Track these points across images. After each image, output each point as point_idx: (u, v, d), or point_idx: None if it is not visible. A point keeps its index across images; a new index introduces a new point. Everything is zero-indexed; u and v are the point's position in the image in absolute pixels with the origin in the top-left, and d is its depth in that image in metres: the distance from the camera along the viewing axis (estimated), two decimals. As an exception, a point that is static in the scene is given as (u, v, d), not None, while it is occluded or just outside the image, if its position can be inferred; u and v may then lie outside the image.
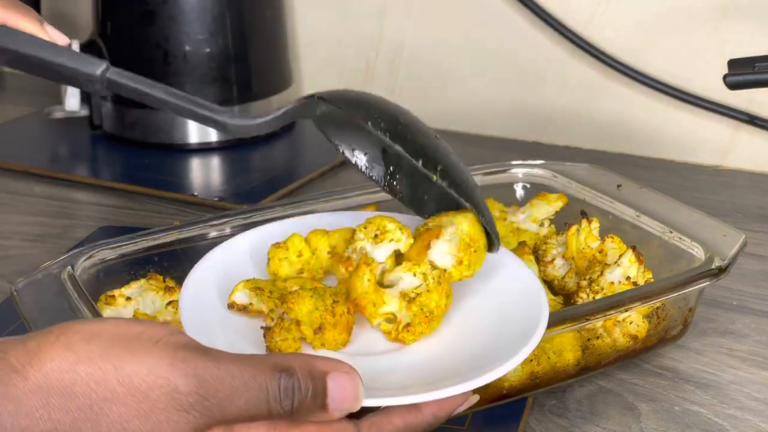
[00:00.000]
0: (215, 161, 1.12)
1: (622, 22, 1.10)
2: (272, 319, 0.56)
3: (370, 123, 0.62)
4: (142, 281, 0.71)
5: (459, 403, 0.54)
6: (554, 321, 0.64)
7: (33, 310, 0.64)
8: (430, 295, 0.57)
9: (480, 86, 1.20)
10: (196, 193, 1.02)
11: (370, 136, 0.63)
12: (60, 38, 0.68)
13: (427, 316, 0.57)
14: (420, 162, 0.63)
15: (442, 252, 0.58)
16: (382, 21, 1.23)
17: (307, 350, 0.57)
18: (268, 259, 0.61)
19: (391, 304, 0.57)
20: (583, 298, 0.71)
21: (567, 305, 0.73)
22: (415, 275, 0.57)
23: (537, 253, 0.79)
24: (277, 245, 0.61)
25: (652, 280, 0.72)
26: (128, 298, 0.69)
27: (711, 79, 1.06)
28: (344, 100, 0.64)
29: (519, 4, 1.13)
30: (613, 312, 0.65)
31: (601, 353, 0.68)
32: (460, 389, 0.53)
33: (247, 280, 0.59)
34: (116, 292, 0.69)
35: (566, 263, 0.77)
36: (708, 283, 0.68)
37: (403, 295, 0.57)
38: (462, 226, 0.59)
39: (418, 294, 0.57)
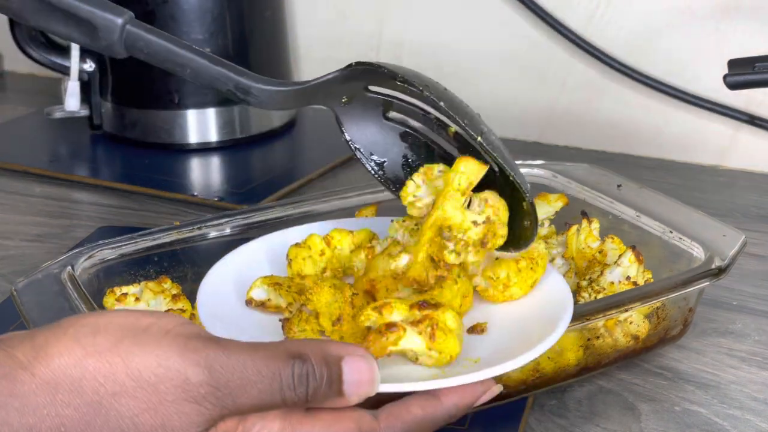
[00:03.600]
0: (215, 161, 1.12)
1: (622, 22, 1.10)
2: (291, 312, 0.55)
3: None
4: (152, 284, 0.71)
5: (480, 393, 0.52)
6: (554, 321, 0.64)
7: (33, 309, 0.64)
8: (443, 292, 0.55)
9: (480, 86, 1.20)
10: (196, 193, 1.02)
11: (392, 131, 0.61)
12: None
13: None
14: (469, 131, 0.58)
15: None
16: (382, 21, 1.23)
17: None
18: (290, 260, 0.59)
19: (404, 292, 0.55)
20: (585, 297, 0.71)
21: (567, 305, 0.73)
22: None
23: (537, 253, 0.79)
24: (297, 245, 0.59)
25: (652, 280, 0.72)
26: (137, 298, 0.69)
27: (711, 79, 1.06)
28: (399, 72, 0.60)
29: (519, 4, 1.13)
30: (613, 312, 0.65)
31: (602, 353, 0.68)
32: (479, 376, 0.51)
33: (265, 276, 0.58)
34: (128, 290, 0.70)
35: (566, 263, 0.77)
36: (708, 283, 0.68)
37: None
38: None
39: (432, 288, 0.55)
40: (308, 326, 0.54)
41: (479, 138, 0.58)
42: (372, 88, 0.64)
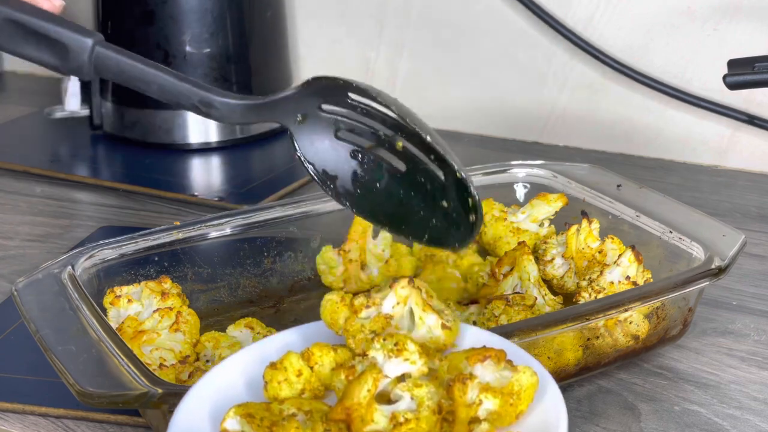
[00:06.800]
0: (215, 161, 1.12)
1: (621, 23, 1.10)
2: None
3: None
4: (152, 283, 0.71)
5: None
6: (555, 320, 0.64)
7: (33, 309, 0.64)
8: (420, 425, 0.51)
9: (480, 86, 1.20)
10: (196, 193, 1.02)
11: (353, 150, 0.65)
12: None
13: None
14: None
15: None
16: (382, 21, 1.23)
17: None
18: (265, 383, 0.56)
19: (379, 423, 0.52)
20: (585, 297, 0.71)
21: (566, 305, 0.73)
22: (413, 398, 0.52)
23: (537, 253, 0.79)
24: (273, 366, 0.55)
25: (651, 279, 0.72)
26: (129, 300, 0.69)
27: (710, 79, 1.06)
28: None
29: (519, 4, 1.13)
30: (613, 312, 0.65)
31: (601, 353, 0.68)
32: None
33: (239, 406, 0.53)
34: (128, 290, 0.70)
35: (565, 263, 0.77)
36: (708, 283, 0.68)
37: (394, 417, 0.52)
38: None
39: (407, 420, 0.51)
40: None
41: (428, 138, 0.61)
42: (325, 106, 0.66)
